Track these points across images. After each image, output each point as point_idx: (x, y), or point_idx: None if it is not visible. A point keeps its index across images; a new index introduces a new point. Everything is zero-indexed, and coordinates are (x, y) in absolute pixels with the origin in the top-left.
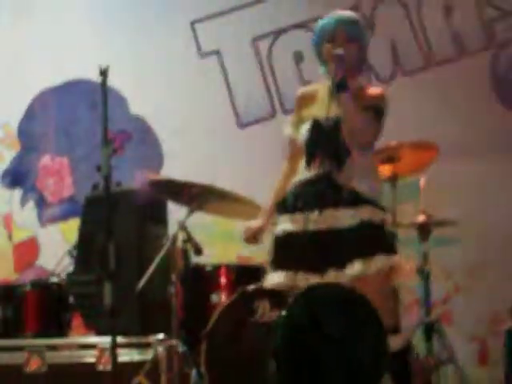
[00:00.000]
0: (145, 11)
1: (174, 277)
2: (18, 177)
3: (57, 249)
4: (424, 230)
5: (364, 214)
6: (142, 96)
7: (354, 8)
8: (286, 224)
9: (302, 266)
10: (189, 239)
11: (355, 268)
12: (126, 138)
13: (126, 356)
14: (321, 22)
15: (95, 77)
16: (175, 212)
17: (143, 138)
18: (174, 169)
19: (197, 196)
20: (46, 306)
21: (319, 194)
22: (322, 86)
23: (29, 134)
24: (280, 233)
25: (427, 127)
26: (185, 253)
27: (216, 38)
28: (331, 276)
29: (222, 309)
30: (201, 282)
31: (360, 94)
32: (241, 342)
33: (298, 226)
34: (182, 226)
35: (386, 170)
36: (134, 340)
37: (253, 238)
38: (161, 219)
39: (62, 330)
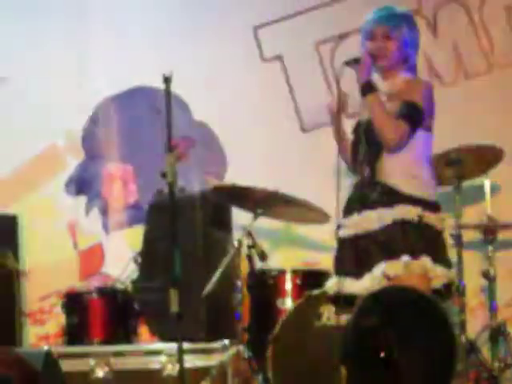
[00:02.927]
0: (207, 17)
1: (239, 283)
2: (82, 184)
3: (121, 255)
4: (489, 233)
5: (397, 213)
6: (206, 102)
7: (416, 12)
8: (342, 229)
9: (345, 271)
10: (254, 245)
11: (379, 269)
12: (189, 144)
13: (191, 362)
14: (364, 20)
15: (158, 83)
16: (240, 218)
17: (207, 143)
18: (238, 174)
19: (261, 201)
20: (111, 313)
21: (360, 196)
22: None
23: (93, 141)
24: (340, 238)
25: (491, 130)
26: (250, 259)
27: (278, 42)
28: (366, 280)
29: (287, 314)
30: (266, 287)
31: (400, 91)
32: (307, 347)
33: (345, 231)
34: (247, 232)
35: (450, 172)
36: (199, 346)
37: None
38: (225, 225)
39: (127, 336)
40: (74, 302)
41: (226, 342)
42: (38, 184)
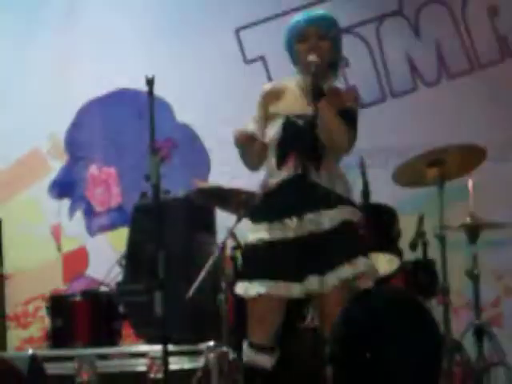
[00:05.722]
0: (189, 19)
1: (223, 284)
2: (65, 187)
3: (106, 258)
4: (473, 233)
5: (345, 214)
6: (188, 104)
7: (397, 12)
8: (262, 232)
9: (282, 275)
10: (238, 246)
11: (339, 272)
12: (172, 146)
13: (177, 364)
14: (292, 20)
15: (141, 86)
16: (224, 219)
17: (190, 145)
18: (221, 176)
19: (245, 203)
20: (96, 316)
21: (296, 197)
22: (289, 83)
23: (76, 144)
24: (257, 242)
25: (473, 129)
26: (234, 260)
27: (261, 43)
28: (312, 282)
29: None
30: None
31: (333, 96)
32: (291, 348)
33: (277, 234)
34: (231, 234)
35: (433, 172)
36: (184, 348)
37: (246, 139)
38: (209, 227)
39: (112, 339)
40: (58, 305)
41: (211, 343)
42: (21, 187)
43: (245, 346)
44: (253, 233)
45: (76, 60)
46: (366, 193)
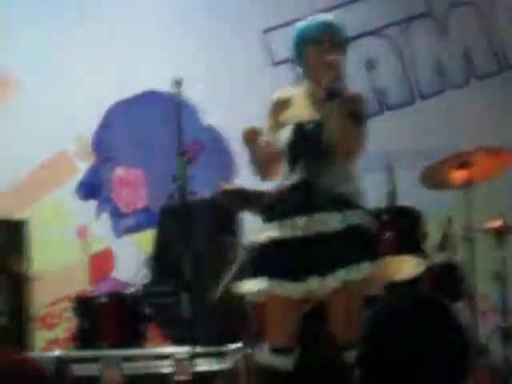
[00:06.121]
0: (216, 21)
1: None
2: (92, 188)
3: (132, 259)
4: (501, 235)
5: (351, 218)
6: (215, 105)
7: (426, 14)
8: (271, 231)
9: (285, 274)
10: None
11: (340, 275)
12: (199, 147)
13: (203, 366)
14: (304, 24)
15: (168, 88)
16: (249, 221)
17: (216, 147)
18: (246, 178)
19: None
20: (122, 317)
21: (305, 199)
22: (296, 90)
23: (103, 145)
24: (264, 239)
25: (501, 131)
26: None
27: (288, 45)
28: (314, 284)
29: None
30: None
31: (343, 98)
32: (318, 349)
33: (284, 233)
34: (253, 232)
35: (460, 175)
36: (211, 349)
37: (253, 135)
38: (235, 228)
39: (138, 340)
40: (84, 307)
41: (238, 345)
42: (49, 189)
43: (262, 348)
44: (261, 232)
45: (103, 61)
46: (392, 195)
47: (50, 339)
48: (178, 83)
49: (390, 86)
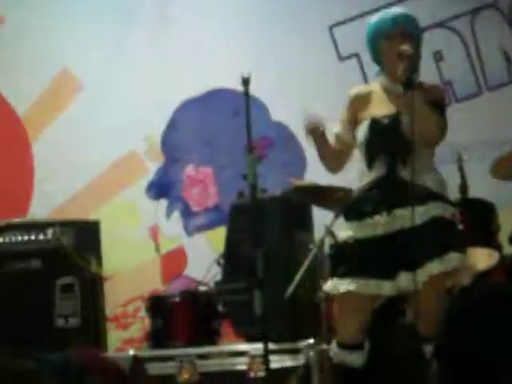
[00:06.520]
0: (282, 17)
1: (322, 282)
2: (163, 188)
3: (204, 258)
4: None
5: (435, 210)
6: (283, 102)
7: (491, 5)
8: (352, 230)
9: (372, 273)
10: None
11: (429, 268)
12: (268, 144)
13: (277, 362)
14: (376, 18)
15: (236, 85)
16: (321, 217)
17: (286, 144)
18: (317, 174)
19: (342, 200)
20: (195, 316)
21: (386, 195)
22: (374, 86)
23: (172, 144)
24: (349, 239)
25: None
26: (332, 258)
27: (355, 40)
28: (403, 279)
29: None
30: None
31: (421, 89)
32: (392, 344)
33: (367, 232)
34: (329, 231)
35: None
36: (284, 346)
37: (315, 128)
38: (306, 225)
39: (212, 338)
40: (157, 306)
41: (311, 341)
42: (119, 189)
43: (333, 344)
44: (344, 231)
45: (171, 61)
46: (463, 187)
47: (125, 339)
48: (246, 81)
49: (458, 78)
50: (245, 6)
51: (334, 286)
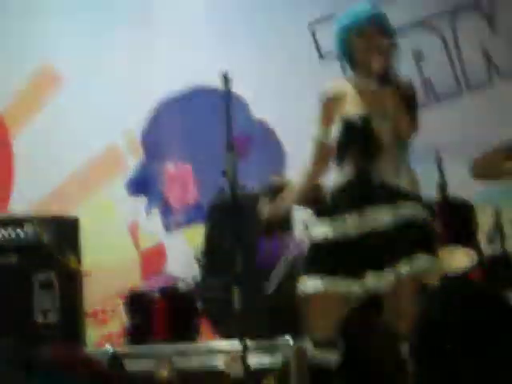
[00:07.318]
0: (263, 15)
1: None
2: (142, 185)
3: (183, 255)
4: None
5: (406, 211)
6: (264, 99)
7: (473, 6)
8: (325, 229)
9: (342, 272)
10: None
11: (397, 269)
12: (248, 142)
13: (255, 360)
14: (346, 15)
15: (217, 83)
16: (300, 214)
17: (266, 141)
18: (297, 171)
19: (320, 198)
20: (173, 313)
21: (357, 195)
22: (348, 85)
23: (152, 141)
24: (319, 238)
25: None
26: None
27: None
28: (372, 279)
29: (350, 311)
30: None
31: (394, 85)
32: (368, 343)
33: (338, 232)
34: (307, 228)
35: (510, 165)
36: (262, 344)
37: (277, 221)
38: (286, 221)
39: (190, 335)
40: (136, 302)
41: (289, 339)
42: (99, 186)
43: (306, 342)
44: (315, 230)
45: (152, 58)
46: (442, 187)
47: (103, 335)
48: (226, 78)
49: (438, 78)
50: (225, 3)
51: (305, 284)
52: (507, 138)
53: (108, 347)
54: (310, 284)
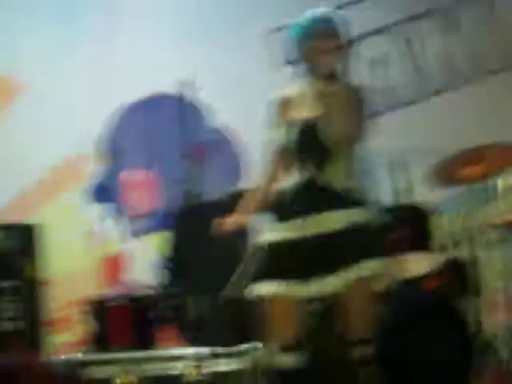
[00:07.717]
0: (223, 22)
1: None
2: (103, 192)
3: (143, 262)
4: (509, 232)
5: (355, 215)
6: (223, 107)
7: (436, 8)
8: (278, 233)
9: (293, 276)
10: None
11: (347, 273)
12: (206, 149)
13: (215, 366)
14: (299, 21)
15: (177, 90)
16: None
17: (224, 149)
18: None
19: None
20: (134, 320)
21: (307, 200)
22: (298, 89)
23: (114, 148)
24: (271, 241)
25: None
26: None
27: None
28: (325, 283)
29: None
30: None
31: (344, 89)
32: (329, 348)
33: (289, 236)
34: (259, 233)
35: (470, 171)
36: (222, 350)
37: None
38: (243, 229)
39: (150, 342)
40: (96, 310)
41: (250, 345)
42: (59, 193)
43: (267, 347)
44: (267, 233)
45: (113, 65)
46: (403, 192)
47: (64, 343)
48: (184, 85)
49: (400, 84)
50: (186, 11)
51: (260, 288)
52: (468, 143)
53: (67, 355)
54: (262, 288)
